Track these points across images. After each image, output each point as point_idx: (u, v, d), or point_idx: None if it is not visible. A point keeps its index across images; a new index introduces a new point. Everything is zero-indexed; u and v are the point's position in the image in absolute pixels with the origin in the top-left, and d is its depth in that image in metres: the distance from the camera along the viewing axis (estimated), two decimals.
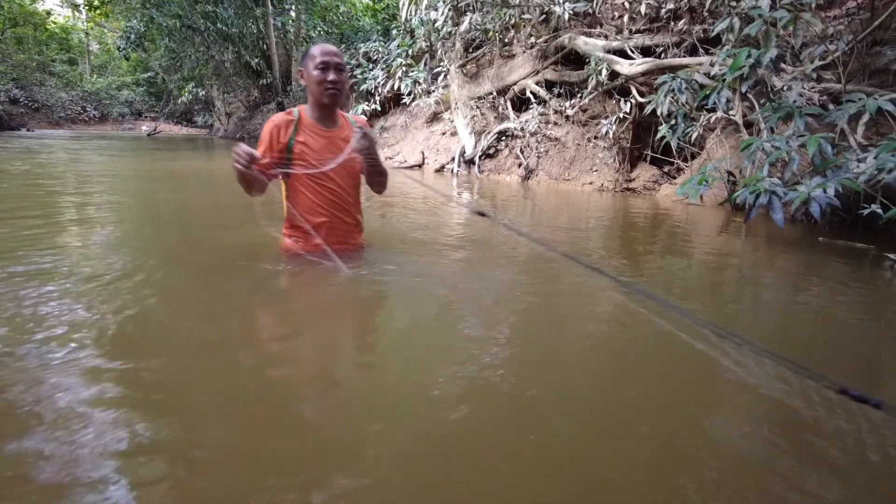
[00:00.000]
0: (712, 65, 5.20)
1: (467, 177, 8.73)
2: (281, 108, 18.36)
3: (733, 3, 5.94)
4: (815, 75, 5.05)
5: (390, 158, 10.98)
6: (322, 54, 2.55)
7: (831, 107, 4.61)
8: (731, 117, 5.07)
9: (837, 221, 4.38)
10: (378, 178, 2.78)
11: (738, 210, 4.92)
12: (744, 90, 4.54)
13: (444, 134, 10.57)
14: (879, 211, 3.56)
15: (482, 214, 2.85)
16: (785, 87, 4.71)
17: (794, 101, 4.20)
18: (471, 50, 10.31)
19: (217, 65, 22.71)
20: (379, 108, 12.59)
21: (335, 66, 2.56)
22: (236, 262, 2.85)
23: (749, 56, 4.12)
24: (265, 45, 21.17)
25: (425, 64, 11.27)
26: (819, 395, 1.54)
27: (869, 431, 1.39)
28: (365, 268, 2.68)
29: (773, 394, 1.59)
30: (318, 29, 19.13)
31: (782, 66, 5.14)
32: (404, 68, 11.50)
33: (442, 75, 10.48)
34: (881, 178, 3.53)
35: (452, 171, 9.16)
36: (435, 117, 11.03)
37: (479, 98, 9.44)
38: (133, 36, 22.29)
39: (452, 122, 10.06)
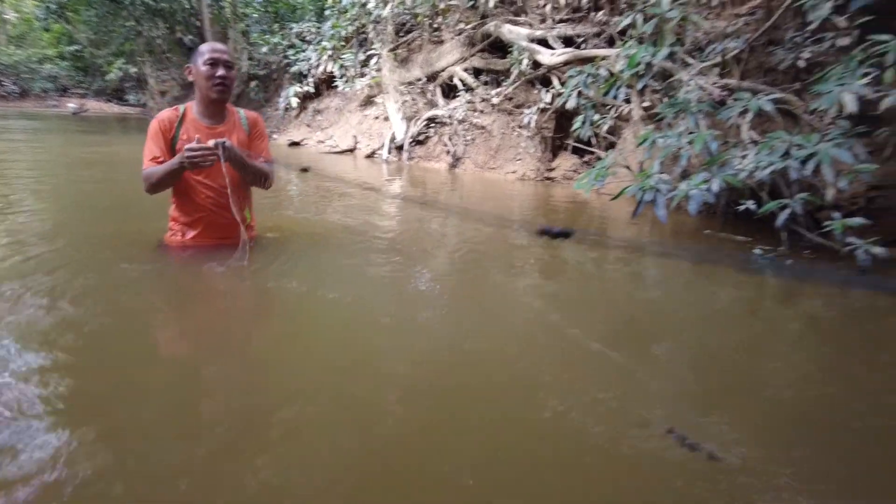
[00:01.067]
0: (618, 57, 5.36)
1: (397, 163, 8.72)
2: None
3: None
4: (716, 70, 5.27)
5: (321, 142, 10.83)
6: (211, 51, 2.64)
7: (730, 102, 4.84)
8: (640, 110, 5.25)
9: (732, 214, 4.62)
10: (253, 180, 2.84)
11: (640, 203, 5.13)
12: (640, 87, 4.70)
13: (377, 118, 10.48)
14: (753, 206, 3.79)
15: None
16: (685, 83, 4.89)
17: (688, 98, 4.37)
18: (402, 34, 10.21)
19: (148, 40, 21.68)
20: (313, 91, 12.35)
21: (224, 63, 2.64)
22: (106, 255, 2.84)
23: (645, 54, 4.27)
24: (199, 22, 20.32)
25: (360, 46, 11.11)
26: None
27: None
28: (251, 262, 2.70)
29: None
30: (253, 6, 18.47)
31: (690, 60, 5.34)
32: (337, 50, 11.30)
33: (374, 58, 10.36)
34: (756, 175, 3.74)
35: (382, 157, 9.12)
36: (368, 101, 10.91)
37: (410, 83, 9.40)
38: (53, 5, 20.96)
39: (384, 106, 10.00)
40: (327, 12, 12.43)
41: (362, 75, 10.74)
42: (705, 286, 3.12)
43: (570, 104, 5.41)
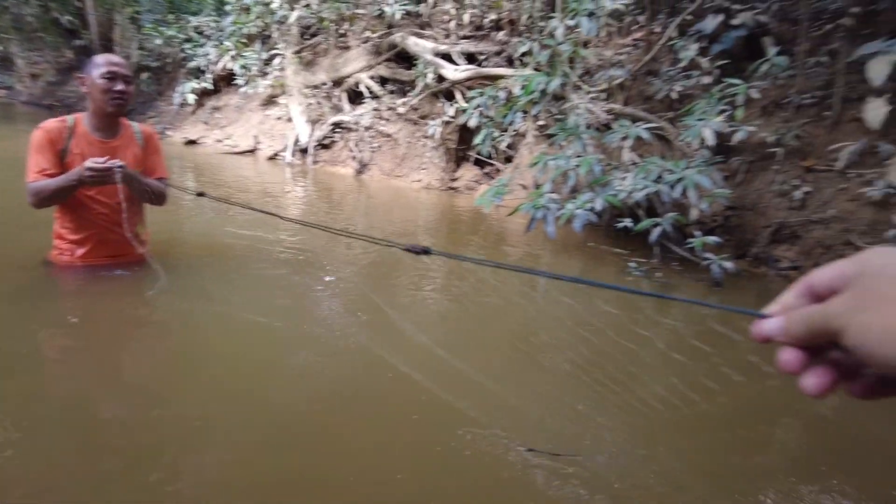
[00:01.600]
0: (515, 82, 5.76)
1: (301, 167, 8.68)
2: None
3: (542, 24, 6.58)
4: (602, 96, 5.82)
5: (220, 142, 10.50)
6: (108, 63, 2.56)
7: (614, 126, 5.38)
8: (535, 131, 5.69)
9: (613, 230, 5.14)
10: (148, 199, 2.81)
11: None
12: (535, 112, 5.12)
13: (279, 119, 10.31)
14: (630, 224, 4.29)
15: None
16: (582, 107, 5.37)
17: (577, 122, 4.82)
18: (307, 37, 10.15)
19: (16, 17, 19.67)
20: (211, 87, 11.89)
21: (123, 78, 2.58)
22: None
23: (540, 82, 4.66)
24: (80, 2, 18.76)
25: (262, 44, 10.88)
26: None
27: None
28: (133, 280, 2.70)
29: None
30: None
31: (580, 85, 5.84)
32: (238, 48, 10.98)
33: (278, 59, 10.20)
34: (634, 196, 4.24)
35: (286, 159, 9.04)
36: (271, 101, 10.71)
37: (315, 87, 9.37)
38: None
39: (288, 107, 9.87)
40: (228, 7, 12.02)
41: (264, 75, 10.53)
42: (585, 296, 3.52)
43: (472, 122, 5.74)
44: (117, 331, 2.33)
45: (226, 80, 11.83)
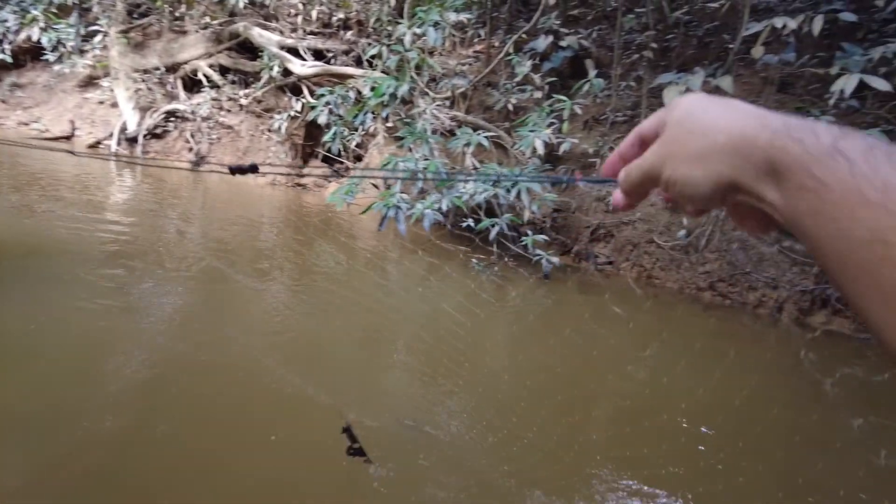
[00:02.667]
0: (366, 83, 5.87)
1: (129, 158, 7.93)
2: None
3: (389, 28, 6.76)
4: (446, 104, 6.14)
5: (24, 125, 9.22)
6: None
7: (457, 133, 5.72)
8: (384, 132, 5.84)
9: (452, 228, 5.48)
10: None
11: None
12: (384, 115, 5.28)
13: (101, 103, 9.30)
14: (472, 223, 4.63)
15: None
16: (428, 112, 5.62)
17: (424, 127, 5.06)
18: (135, 16, 9.27)
19: None
20: (10, 61, 10.33)
21: None
22: None
23: (390, 86, 4.83)
24: None
25: (79, 18, 9.70)
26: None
27: None
28: None
29: None
30: None
31: (427, 91, 6.11)
32: (49, 19, 9.68)
33: (99, 36, 9.18)
34: (475, 198, 4.57)
35: (111, 148, 8.19)
36: (91, 82, 9.61)
37: (146, 71, 8.61)
38: None
39: (112, 91, 8.94)
40: None
41: (82, 52, 9.43)
42: (437, 287, 3.76)
43: (322, 120, 5.74)
44: None
45: (30, 54, 10.37)
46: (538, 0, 7.20)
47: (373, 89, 4.98)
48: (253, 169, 0.81)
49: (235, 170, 0.82)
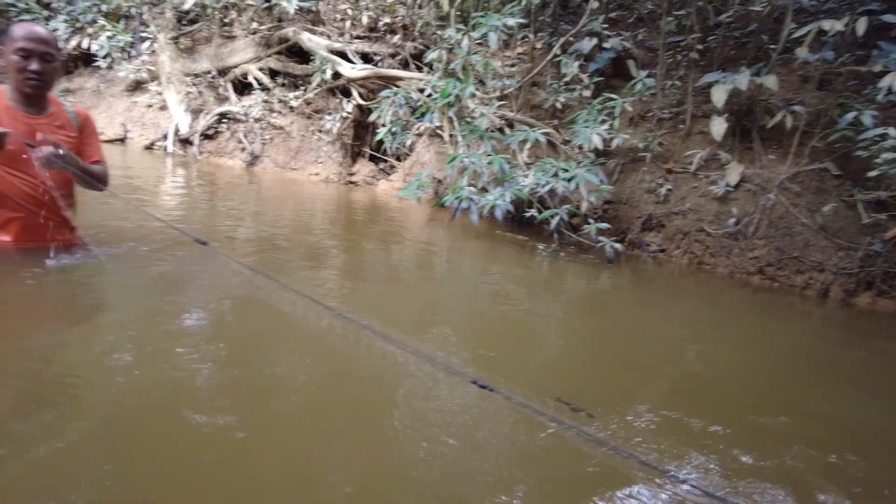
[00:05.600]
0: (425, 85, 6.23)
1: (184, 158, 8.34)
2: None
3: (439, 32, 7.11)
4: (496, 104, 6.49)
5: None
6: (25, 39, 2.35)
7: (507, 130, 6.06)
8: (440, 132, 6.19)
9: (511, 219, 5.82)
10: (86, 183, 2.68)
11: (441, 207, 6.04)
12: (450, 115, 5.64)
13: (150, 107, 9.70)
14: (535, 214, 4.97)
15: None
16: (477, 112, 5.96)
17: (485, 126, 5.41)
18: (184, 22, 9.69)
19: None
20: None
21: (40, 55, 2.39)
22: None
23: (455, 87, 5.18)
24: None
25: (126, 26, 10.12)
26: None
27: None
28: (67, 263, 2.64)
29: None
30: None
31: (476, 92, 6.46)
32: (98, 27, 10.11)
33: (148, 43, 9.60)
34: (537, 190, 4.92)
35: (165, 149, 8.60)
36: (138, 86, 10.03)
37: (197, 75, 9.02)
38: None
39: (160, 94, 9.35)
40: None
41: (130, 58, 9.84)
42: (529, 271, 4.10)
43: (386, 119, 6.09)
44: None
45: (81, 61, 10.82)
46: (577, 4, 7.56)
47: (439, 91, 5.32)
48: None
49: None
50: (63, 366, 1.86)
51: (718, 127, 5.09)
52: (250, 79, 8.69)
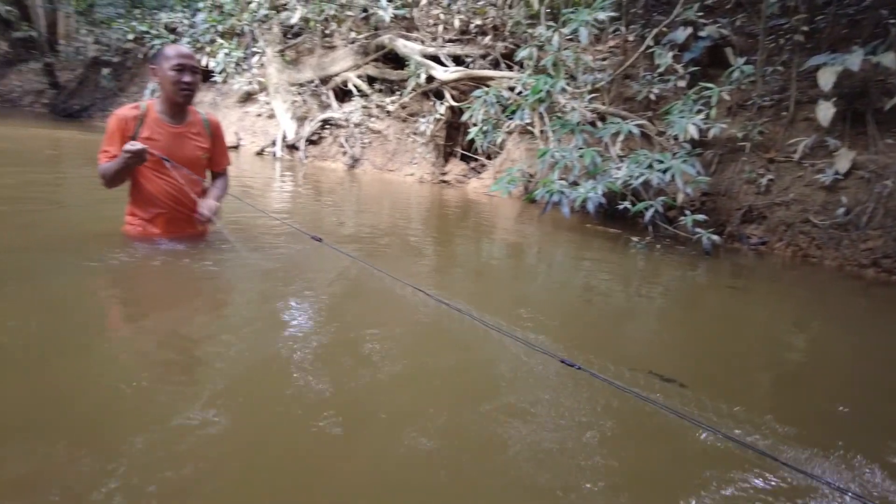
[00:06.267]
0: (516, 83, 6.38)
1: (291, 162, 9.00)
2: (49, 70, 16.02)
3: (530, 31, 7.23)
4: (587, 97, 6.52)
5: None
6: (178, 56, 2.79)
7: (599, 124, 6.08)
8: (530, 128, 6.32)
9: (602, 212, 5.84)
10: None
11: (531, 202, 6.17)
12: (541, 110, 5.76)
13: (259, 116, 10.55)
14: (629, 206, 4.98)
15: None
16: (568, 107, 6.03)
17: (576, 120, 5.49)
18: (289, 36, 10.43)
19: None
20: None
21: (190, 69, 2.82)
22: (80, 245, 3.00)
23: (546, 83, 5.30)
24: None
25: (239, 42, 11.04)
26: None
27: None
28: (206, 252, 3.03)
29: None
30: None
31: (567, 87, 6.52)
32: (215, 46, 11.11)
33: (257, 56, 10.43)
34: (630, 182, 4.93)
35: (274, 154, 9.32)
36: (249, 98, 10.91)
37: (301, 85, 9.69)
38: None
39: (269, 104, 10.12)
40: (200, 4, 12.08)
41: (242, 71, 10.72)
42: (623, 262, 4.17)
43: (476, 119, 6.32)
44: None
45: (202, 77, 11.90)
46: None
47: (530, 88, 5.46)
48: None
49: None
50: (217, 330, 2.20)
51: (826, 112, 4.85)
52: (350, 86, 9.23)
